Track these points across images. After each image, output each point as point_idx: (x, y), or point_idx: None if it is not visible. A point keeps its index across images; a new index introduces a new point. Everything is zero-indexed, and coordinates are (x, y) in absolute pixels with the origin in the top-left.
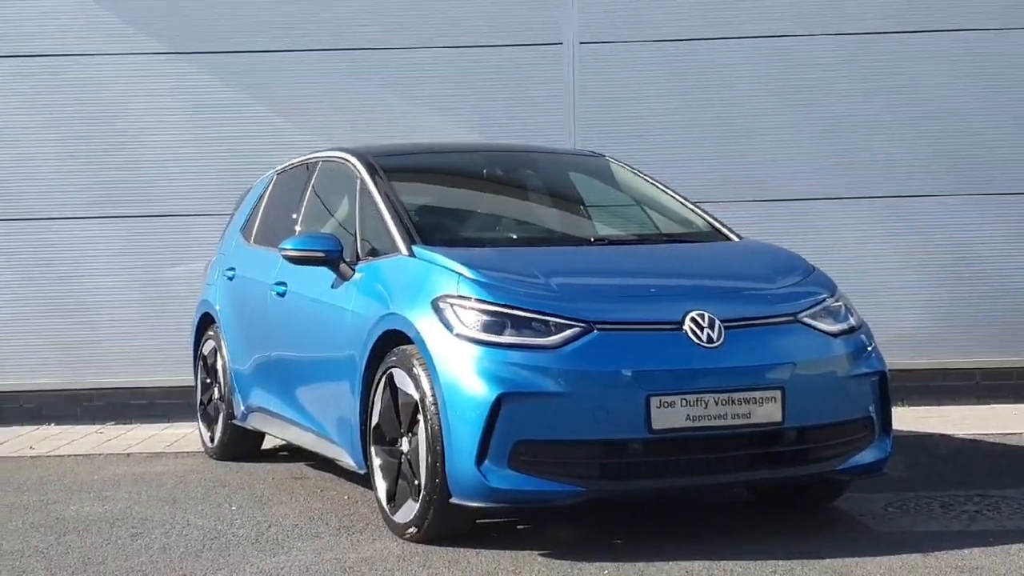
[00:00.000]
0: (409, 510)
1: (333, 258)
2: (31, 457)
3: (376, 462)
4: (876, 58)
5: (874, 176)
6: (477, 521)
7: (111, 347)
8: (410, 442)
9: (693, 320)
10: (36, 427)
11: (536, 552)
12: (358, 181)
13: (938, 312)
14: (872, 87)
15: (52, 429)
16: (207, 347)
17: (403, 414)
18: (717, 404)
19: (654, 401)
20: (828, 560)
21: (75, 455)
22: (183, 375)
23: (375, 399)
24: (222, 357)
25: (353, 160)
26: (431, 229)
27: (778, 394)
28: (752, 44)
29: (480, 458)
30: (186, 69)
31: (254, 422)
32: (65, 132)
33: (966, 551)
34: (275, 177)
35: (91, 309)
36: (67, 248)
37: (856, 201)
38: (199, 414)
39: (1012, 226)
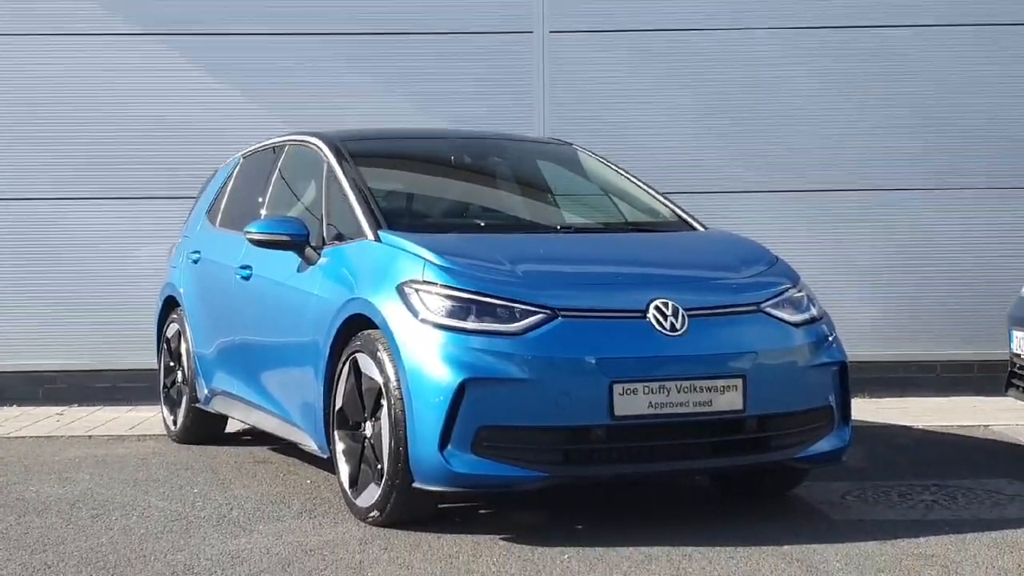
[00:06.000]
0: (371, 494)
1: (299, 242)
2: None
3: (339, 446)
4: (855, 50)
5: (838, 170)
6: (439, 505)
7: (74, 330)
8: (373, 427)
9: (657, 308)
10: None
11: (498, 536)
12: (325, 165)
13: (901, 305)
14: (847, 80)
15: (13, 411)
16: (171, 330)
17: (367, 399)
18: (679, 392)
19: (617, 388)
20: (787, 546)
21: (36, 436)
22: (146, 358)
23: (339, 383)
24: (186, 340)
25: (320, 144)
26: (397, 214)
27: (740, 382)
28: (725, 36)
29: (443, 443)
30: (154, 49)
31: (217, 406)
32: (31, 112)
33: (922, 539)
34: (241, 160)
35: (54, 291)
36: (30, 230)
37: (820, 194)
38: (162, 397)
39: (975, 220)
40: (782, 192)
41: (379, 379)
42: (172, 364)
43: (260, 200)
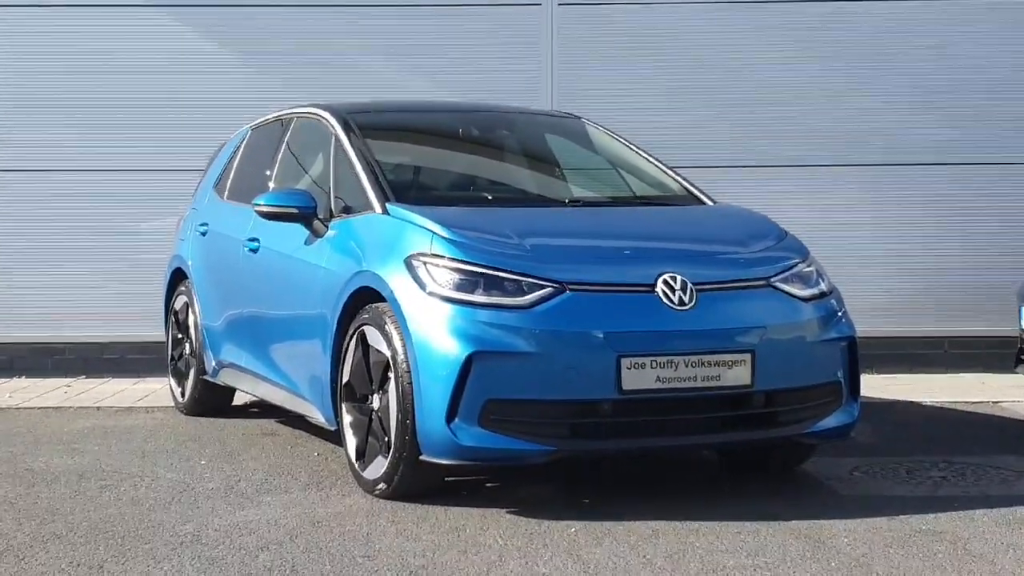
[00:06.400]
0: (379, 467)
1: (306, 214)
2: (0, 409)
3: (347, 419)
4: (864, 23)
5: (847, 145)
6: (446, 478)
7: (83, 301)
8: (381, 399)
9: (665, 282)
10: (6, 380)
11: (504, 510)
12: (333, 138)
13: (910, 281)
14: (858, 54)
15: (22, 382)
16: (179, 302)
17: (374, 371)
18: (687, 366)
19: (625, 362)
20: (794, 522)
21: (45, 408)
22: (154, 330)
23: (346, 356)
24: (194, 313)
25: (328, 116)
26: (405, 187)
27: (748, 357)
28: (734, 10)
29: (450, 416)
30: (163, 20)
31: (225, 378)
32: (41, 84)
33: (931, 515)
34: (249, 133)
35: (63, 263)
36: (40, 201)
37: (831, 169)
38: (170, 369)
39: (984, 196)
40: (792, 167)
41: (387, 352)
42: (180, 336)
43: (268, 173)
